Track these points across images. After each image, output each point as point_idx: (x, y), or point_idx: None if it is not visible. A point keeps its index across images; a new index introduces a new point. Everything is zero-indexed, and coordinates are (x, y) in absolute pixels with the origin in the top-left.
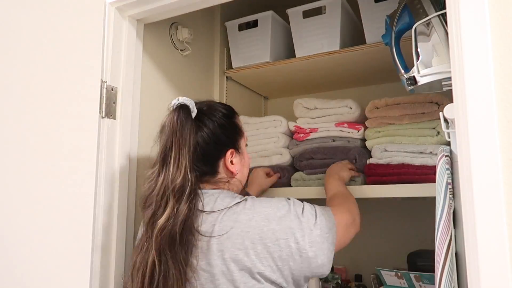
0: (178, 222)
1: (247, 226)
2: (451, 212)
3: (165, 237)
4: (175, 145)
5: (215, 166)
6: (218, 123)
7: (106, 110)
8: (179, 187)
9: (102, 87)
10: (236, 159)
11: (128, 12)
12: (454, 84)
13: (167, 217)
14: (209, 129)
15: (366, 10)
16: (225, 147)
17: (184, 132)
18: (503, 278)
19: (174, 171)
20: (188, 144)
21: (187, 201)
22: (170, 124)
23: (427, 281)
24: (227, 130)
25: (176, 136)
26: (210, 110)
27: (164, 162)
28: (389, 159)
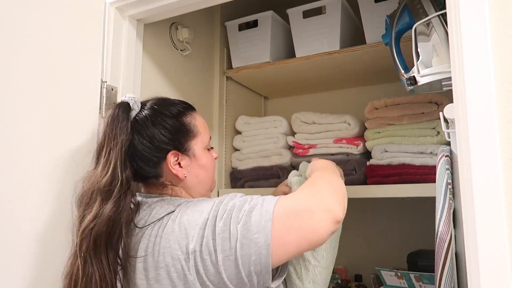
0: (102, 223)
1: (166, 241)
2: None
3: (88, 239)
4: (106, 143)
5: (158, 169)
6: (157, 124)
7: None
8: (105, 186)
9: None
10: (184, 161)
11: (128, 12)
12: (454, 84)
13: (91, 218)
14: (145, 130)
15: (366, 10)
16: (165, 149)
17: (115, 130)
18: (503, 278)
19: (101, 169)
20: (120, 142)
21: (113, 200)
22: (108, 121)
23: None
24: (167, 131)
25: (107, 134)
26: (154, 109)
27: (97, 160)
28: (390, 159)
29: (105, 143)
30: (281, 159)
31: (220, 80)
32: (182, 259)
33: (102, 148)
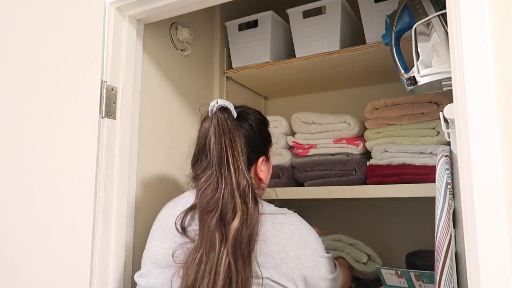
0: (253, 225)
1: (287, 241)
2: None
3: (242, 240)
4: (229, 147)
5: (249, 171)
6: (256, 129)
7: (106, 110)
8: (244, 190)
9: (102, 87)
10: (264, 167)
11: (128, 12)
12: (454, 84)
13: (240, 220)
14: (248, 133)
15: (366, 10)
16: (258, 154)
17: (234, 133)
18: (503, 278)
19: (236, 173)
20: (240, 145)
21: (255, 203)
22: (220, 126)
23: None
24: (262, 137)
25: (227, 138)
26: (248, 115)
27: (221, 165)
28: (390, 159)
29: (227, 148)
30: (281, 159)
31: (220, 80)
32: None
33: (225, 152)
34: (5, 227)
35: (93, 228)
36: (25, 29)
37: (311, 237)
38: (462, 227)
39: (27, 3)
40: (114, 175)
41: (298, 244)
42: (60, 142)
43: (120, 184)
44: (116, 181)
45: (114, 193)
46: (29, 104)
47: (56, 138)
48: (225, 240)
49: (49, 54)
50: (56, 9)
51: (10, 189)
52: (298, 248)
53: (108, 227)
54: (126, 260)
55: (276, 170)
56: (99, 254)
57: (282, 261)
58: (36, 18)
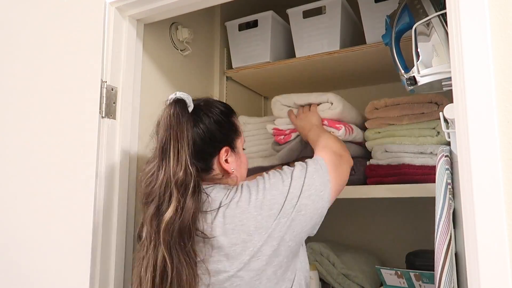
0: (186, 216)
1: (241, 220)
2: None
3: (174, 231)
4: (173, 139)
5: (210, 163)
6: (214, 119)
7: (106, 110)
8: (182, 181)
9: (102, 87)
10: (231, 158)
11: (128, 12)
12: (454, 84)
13: (173, 211)
14: (204, 124)
15: (366, 10)
16: (220, 144)
17: (181, 126)
18: (503, 278)
19: (175, 165)
20: (186, 138)
21: (192, 195)
22: (167, 118)
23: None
24: (223, 128)
25: (173, 130)
26: (207, 106)
27: (163, 156)
28: (390, 159)
29: (172, 139)
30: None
31: (220, 80)
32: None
33: (169, 143)
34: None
35: (93, 227)
36: (25, 29)
37: (262, 196)
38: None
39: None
40: (114, 175)
41: (252, 214)
42: (60, 142)
43: (120, 184)
44: (116, 181)
45: (115, 192)
46: (29, 104)
47: (56, 138)
48: (158, 231)
49: (49, 54)
50: (56, 9)
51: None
52: (255, 217)
53: (109, 227)
54: (127, 259)
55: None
56: (100, 253)
57: (247, 241)
58: (36, 18)
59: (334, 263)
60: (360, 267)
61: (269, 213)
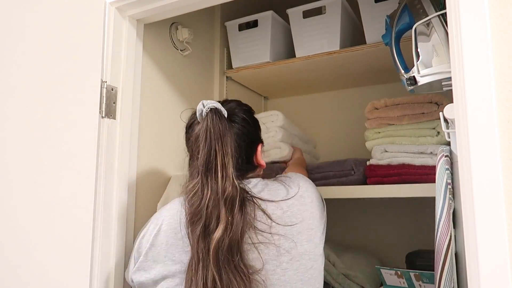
0: (236, 233)
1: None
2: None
3: (223, 251)
4: (219, 153)
5: (253, 162)
6: (247, 120)
7: (106, 110)
8: (231, 197)
9: (102, 87)
10: (261, 155)
11: (128, 12)
12: (454, 84)
13: (223, 229)
14: (243, 127)
15: (366, 10)
16: (256, 143)
17: (225, 138)
18: (503, 278)
19: (222, 181)
20: (231, 150)
21: (240, 210)
22: (209, 131)
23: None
24: (254, 125)
25: (219, 143)
26: (236, 109)
27: (207, 173)
28: (389, 159)
29: (217, 154)
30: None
31: (220, 80)
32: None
33: (214, 159)
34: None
35: (93, 227)
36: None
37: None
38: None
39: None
40: (114, 175)
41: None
42: (60, 142)
43: (120, 184)
44: (116, 181)
45: (114, 192)
46: (29, 104)
47: (56, 138)
48: (208, 251)
49: (49, 54)
50: (56, 9)
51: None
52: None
53: (108, 227)
54: (126, 260)
55: (276, 170)
56: (99, 254)
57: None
58: (36, 18)
59: (334, 263)
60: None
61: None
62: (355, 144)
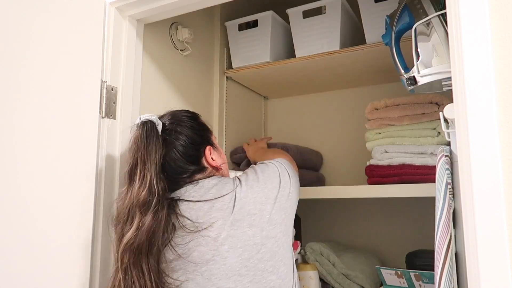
0: (143, 233)
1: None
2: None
3: (130, 251)
4: (140, 161)
5: (201, 164)
6: (188, 126)
7: (106, 110)
8: (143, 201)
9: (102, 87)
10: (215, 155)
11: (128, 12)
12: (454, 84)
13: (133, 231)
14: (181, 134)
15: (366, 10)
16: (202, 146)
17: (149, 147)
18: (503, 278)
19: (138, 186)
20: (153, 158)
21: (152, 212)
22: (134, 142)
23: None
24: (197, 130)
25: (140, 153)
26: (175, 118)
27: (130, 180)
28: (390, 160)
29: (138, 162)
30: None
31: (220, 80)
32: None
33: (135, 167)
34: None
35: (93, 229)
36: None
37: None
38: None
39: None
40: (114, 175)
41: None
42: (60, 142)
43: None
44: (116, 181)
45: (115, 193)
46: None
47: (56, 138)
48: (118, 253)
49: (49, 54)
50: (56, 9)
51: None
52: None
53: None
54: None
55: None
56: (100, 255)
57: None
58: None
59: (334, 263)
60: (360, 267)
61: (272, 185)
62: (355, 144)
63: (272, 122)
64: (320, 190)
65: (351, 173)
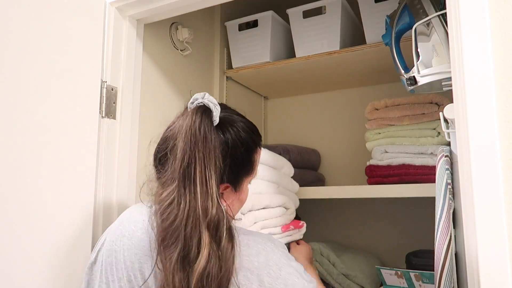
0: (226, 267)
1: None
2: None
3: (207, 284)
4: (199, 160)
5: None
6: (232, 154)
7: (106, 110)
8: (214, 220)
9: (102, 87)
10: (226, 196)
11: (128, 12)
12: (454, 84)
13: (206, 261)
14: (228, 146)
15: (366, 10)
16: (245, 171)
17: (208, 144)
18: (503, 278)
19: (204, 197)
20: (214, 161)
21: (229, 239)
22: (190, 130)
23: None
24: (236, 165)
25: (198, 149)
26: (233, 128)
27: (186, 182)
28: (390, 160)
29: (197, 158)
30: None
31: (220, 80)
32: None
33: (193, 165)
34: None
35: (93, 228)
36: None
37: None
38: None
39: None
40: (114, 175)
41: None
42: (60, 142)
43: (120, 184)
44: (115, 181)
45: (114, 193)
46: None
47: (56, 138)
48: (187, 285)
49: (49, 54)
50: (56, 9)
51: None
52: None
53: None
54: None
55: None
56: None
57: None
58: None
59: (334, 263)
60: (360, 267)
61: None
62: (355, 144)
63: (272, 122)
64: (320, 190)
65: (351, 173)
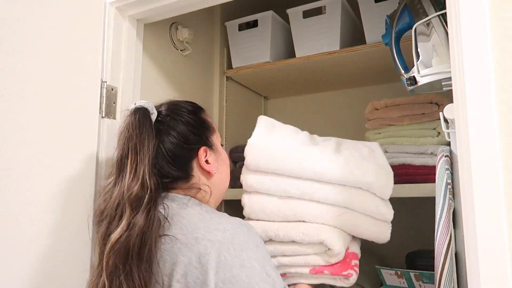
0: (134, 234)
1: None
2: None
3: (119, 253)
4: (131, 151)
5: (188, 169)
6: (183, 121)
7: (106, 110)
8: (136, 196)
9: (102, 87)
10: (211, 157)
11: (128, 12)
12: (454, 84)
13: (121, 230)
14: (173, 129)
15: (366, 10)
16: (196, 146)
17: (141, 136)
18: (503, 278)
19: (131, 179)
20: (147, 148)
21: (145, 210)
22: (125, 129)
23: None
24: (194, 127)
25: (132, 142)
26: (173, 109)
27: (120, 171)
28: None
29: (129, 151)
30: None
31: (220, 80)
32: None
33: (126, 157)
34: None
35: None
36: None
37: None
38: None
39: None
40: None
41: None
42: (60, 142)
43: None
44: None
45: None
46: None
47: (56, 138)
48: (103, 254)
49: (48, 54)
50: (55, 9)
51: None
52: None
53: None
54: None
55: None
56: None
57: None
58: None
59: None
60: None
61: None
62: None
63: None
64: None
65: None
